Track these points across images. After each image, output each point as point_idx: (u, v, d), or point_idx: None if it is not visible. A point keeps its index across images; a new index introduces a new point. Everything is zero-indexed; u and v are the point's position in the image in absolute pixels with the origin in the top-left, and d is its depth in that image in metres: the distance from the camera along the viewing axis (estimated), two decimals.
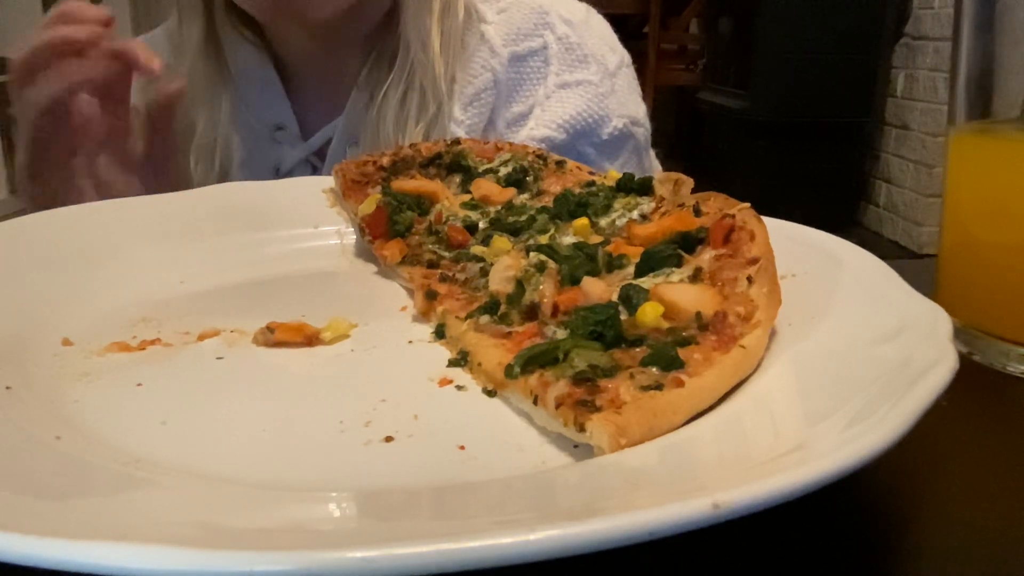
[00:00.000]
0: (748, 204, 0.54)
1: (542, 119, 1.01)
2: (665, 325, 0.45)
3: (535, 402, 0.42)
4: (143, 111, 0.87)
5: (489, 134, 1.02)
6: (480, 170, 0.75)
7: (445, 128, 0.99)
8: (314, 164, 1.03)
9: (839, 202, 4.50)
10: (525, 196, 0.71)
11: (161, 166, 0.90)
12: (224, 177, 1.02)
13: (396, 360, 0.51)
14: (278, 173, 1.02)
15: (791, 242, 0.54)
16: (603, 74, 1.05)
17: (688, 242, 0.53)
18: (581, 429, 0.38)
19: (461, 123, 1.00)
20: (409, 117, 0.97)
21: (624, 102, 1.06)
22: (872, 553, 0.34)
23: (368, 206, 0.69)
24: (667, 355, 0.42)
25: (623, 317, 0.46)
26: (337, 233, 0.74)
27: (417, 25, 0.97)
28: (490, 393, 0.46)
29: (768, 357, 0.44)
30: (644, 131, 1.09)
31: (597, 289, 0.49)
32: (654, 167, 1.13)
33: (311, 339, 0.52)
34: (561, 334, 0.46)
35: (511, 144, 0.80)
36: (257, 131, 1.02)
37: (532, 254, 0.56)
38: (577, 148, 1.02)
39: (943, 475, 0.41)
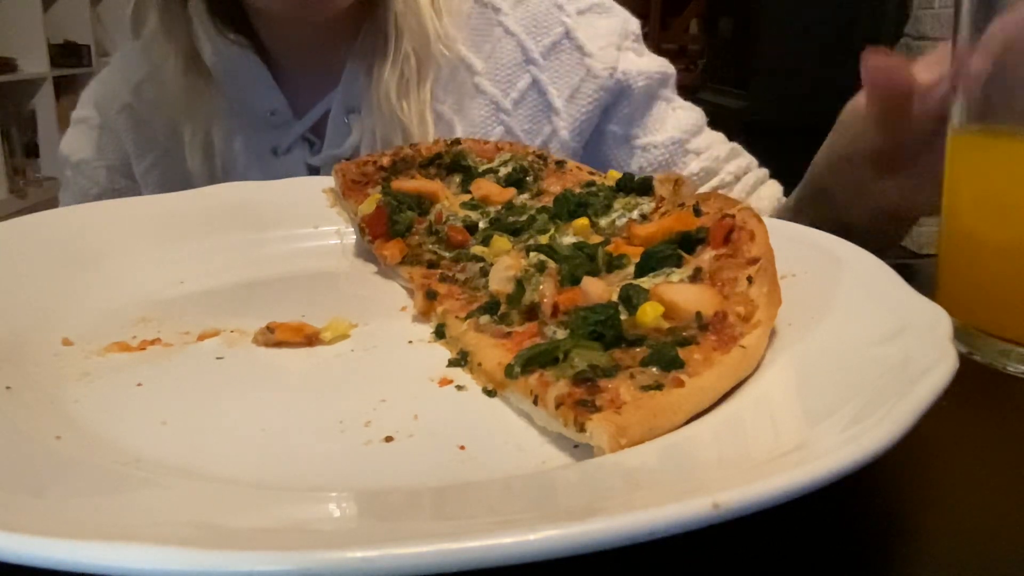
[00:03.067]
0: (748, 204, 0.54)
1: (594, 35, 1.05)
2: (665, 325, 0.45)
3: (535, 402, 0.42)
4: None
5: (529, 70, 1.05)
6: (480, 170, 0.75)
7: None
8: (311, 140, 1.05)
9: None
10: (525, 196, 0.71)
11: None
12: (224, 165, 1.03)
13: (396, 360, 0.51)
14: (276, 153, 1.04)
15: (791, 242, 0.54)
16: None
17: (688, 242, 0.53)
18: (581, 429, 0.38)
19: (483, 74, 1.04)
20: (411, 86, 0.99)
21: (620, 11, 1.11)
22: (872, 553, 0.34)
23: (368, 206, 0.69)
24: (667, 355, 0.42)
25: (623, 317, 0.46)
26: (337, 233, 0.74)
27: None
28: (490, 393, 0.46)
29: (768, 357, 0.44)
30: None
31: (597, 289, 0.49)
32: None
33: (311, 339, 0.52)
34: (561, 334, 0.46)
35: (511, 144, 0.80)
36: (251, 119, 1.04)
37: (532, 254, 0.56)
38: (628, 46, 1.07)
39: (943, 475, 0.41)
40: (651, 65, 1.07)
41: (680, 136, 1.06)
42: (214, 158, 1.03)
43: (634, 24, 1.09)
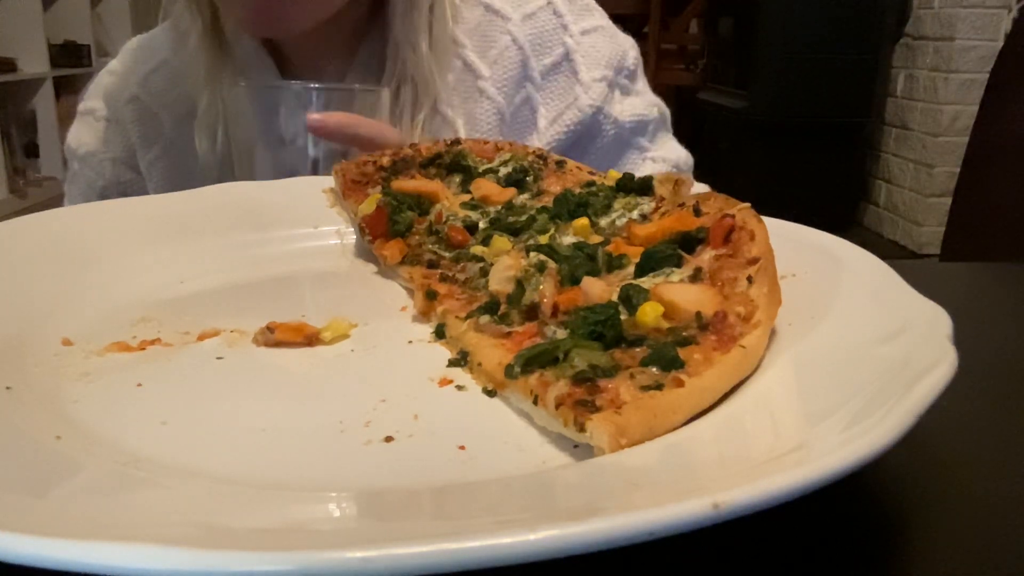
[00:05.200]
0: (748, 204, 0.54)
1: (591, 63, 1.07)
2: (665, 325, 0.45)
3: (535, 402, 0.42)
4: None
5: (526, 87, 1.07)
6: (480, 170, 0.75)
7: (445, 116, 1.04)
8: None
9: (839, 202, 4.51)
10: (525, 196, 0.71)
11: None
12: (228, 152, 1.05)
13: (396, 360, 0.51)
14: (283, 143, 1.05)
15: (791, 242, 0.54)
16: (605, 17, 1.13)
17: (688, 242, 0.53)
18: (581, 429, 0.38)
19: (489, 79, 1.06)
20: (404, 111, 1.01)
21: (623, 39, 1.14)
22: (872, 553, 0.34)
23: (368, 206, 0.69)
24: (667, 355, 0.42)
25: (623, 317, 0.46)
26: (337, 233, 0.74)
27: (404, 24, 1.01)
28: (490, 393, 0.46)
29: (768, 357, 0.44)
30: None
31: (597, 289, 0.49)
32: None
33: (311, 339, 0.52)
34: (561, 334, 0.46)
35: (511, 144, 0.80)
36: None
37: (532, 254, 0.56)
38: (619, 82, 1.09)
39: (943, 475, 0.41)
40: (632, 109, 1.08)
41: None
42: (216, 143, 1.05)
43: (631, 58, 1.10)
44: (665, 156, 1.11)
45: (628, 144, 1.09)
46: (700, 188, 1.06)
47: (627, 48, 1.11)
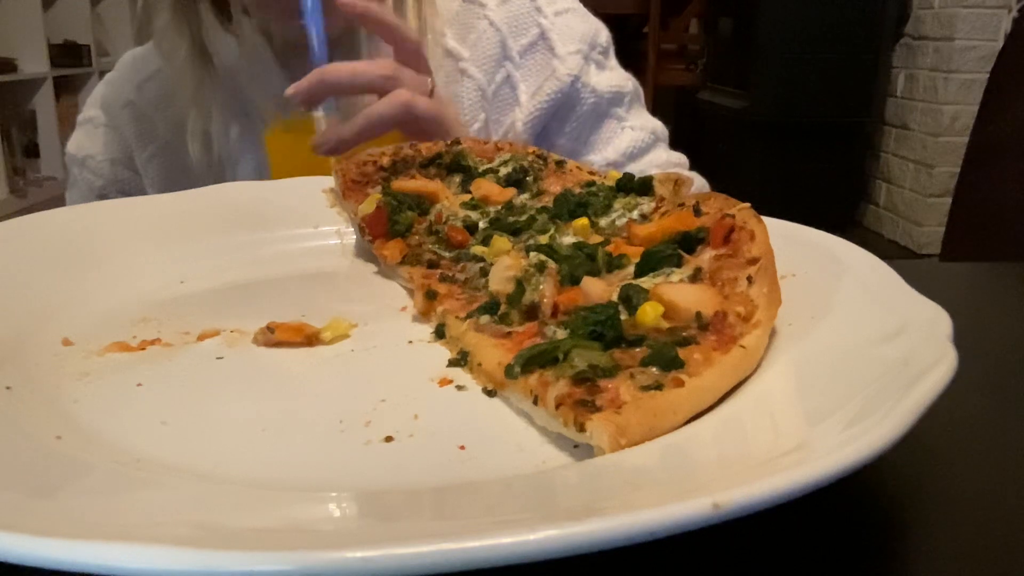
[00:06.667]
0: (748, 204, 0.54)
1: (566, 39, 1.12)
2: (665, 325, 0.45)
3: (535, 402, 0.42)
4: None
5: (505, 66, 1.12)
6: (480, 170, 0.75)
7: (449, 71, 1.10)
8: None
9: (839, 202, 4.51)
10: (525, 196, 0.71)
11: None
12: (222, 154, 1.08)
13: (396, 360, 0.51)
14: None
15: (791, 242, 0.54)
16: (575, 0, 1.18)
17: (688, 242, 0.53)
18: (581, 429, 0.38)
19: (469, 60, 1.12)
20: None
21: (595, 20, 1.19)
22: (872, 553, 0.34)
23: (368, 206, 0.69)
24: (667, 355, 0.42)
25: (623, 317, 0.46)
26: (337, 233, 0.74)
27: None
28: (490, 393, 0.46)
29: (768, 357, 0.44)
30: None
31: (597, 289, 0.49)
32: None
33: (311, 339, 0.52)
34: (561, 334, 0.46)
35: (511, 144, 0.80)
36: (248, 110, 1.09)
37: (532, 254, 0.56)
38: (593, 57, 1.13)
39: (943, 475, 0.41)
40: (609, 81, 1.13)
41: (616, 159, 1.11)
42: (212, 146, 1.08)
43: (604, 37, 1.15)
44: (643, 125, 1.15)
45: (606, 114, 1.12)
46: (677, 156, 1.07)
47: (599, 28, 1.16)
